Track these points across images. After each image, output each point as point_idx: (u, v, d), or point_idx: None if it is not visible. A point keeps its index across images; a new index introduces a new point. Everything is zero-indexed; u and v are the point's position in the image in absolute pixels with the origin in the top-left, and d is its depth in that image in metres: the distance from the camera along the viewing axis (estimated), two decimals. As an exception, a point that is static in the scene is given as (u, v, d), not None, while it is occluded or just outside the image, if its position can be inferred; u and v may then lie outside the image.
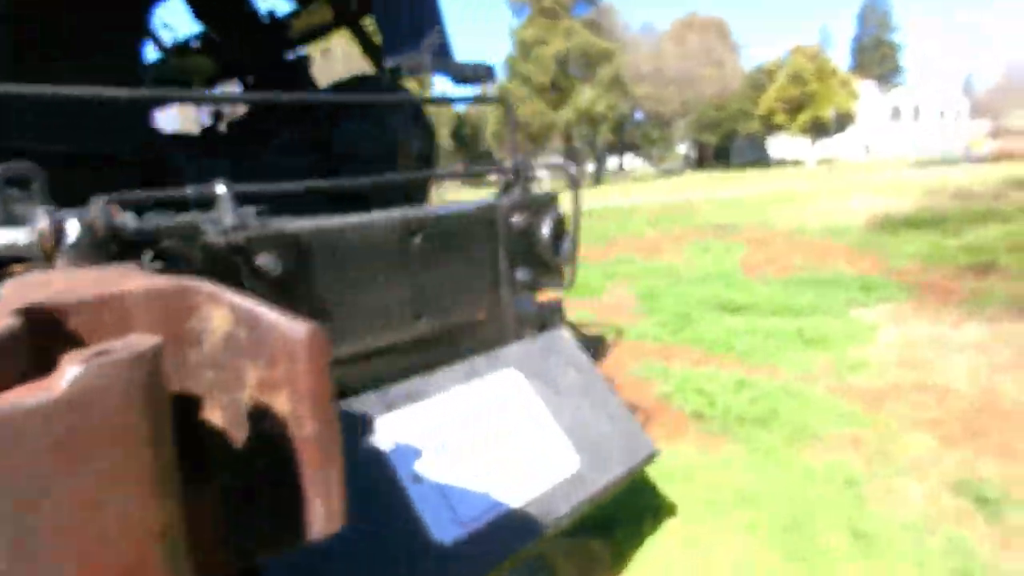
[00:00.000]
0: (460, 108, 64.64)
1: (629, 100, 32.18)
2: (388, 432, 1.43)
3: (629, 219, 12.56)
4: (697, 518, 2.41)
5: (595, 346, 4.83)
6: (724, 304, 5.55)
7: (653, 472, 2.76)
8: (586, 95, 30.29)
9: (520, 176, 1.94)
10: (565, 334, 1.92)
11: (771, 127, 43.06)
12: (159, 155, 1.84)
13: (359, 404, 1.43)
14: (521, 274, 1.83)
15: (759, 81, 42.12)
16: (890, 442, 2.88)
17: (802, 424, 3.13)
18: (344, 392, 1.46)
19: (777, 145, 48.64)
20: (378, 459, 1.37)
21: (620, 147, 42.95)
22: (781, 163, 43.97)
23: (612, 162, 48.68)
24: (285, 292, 1.29)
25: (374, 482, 1.34)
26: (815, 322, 4.76)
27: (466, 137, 57.00)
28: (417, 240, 1.56)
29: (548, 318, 1.98)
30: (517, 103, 32.95)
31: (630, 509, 2.50)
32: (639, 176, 43.21)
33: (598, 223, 12.41)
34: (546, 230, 1.95)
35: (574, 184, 1.90)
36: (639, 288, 6.65)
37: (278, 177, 2.21)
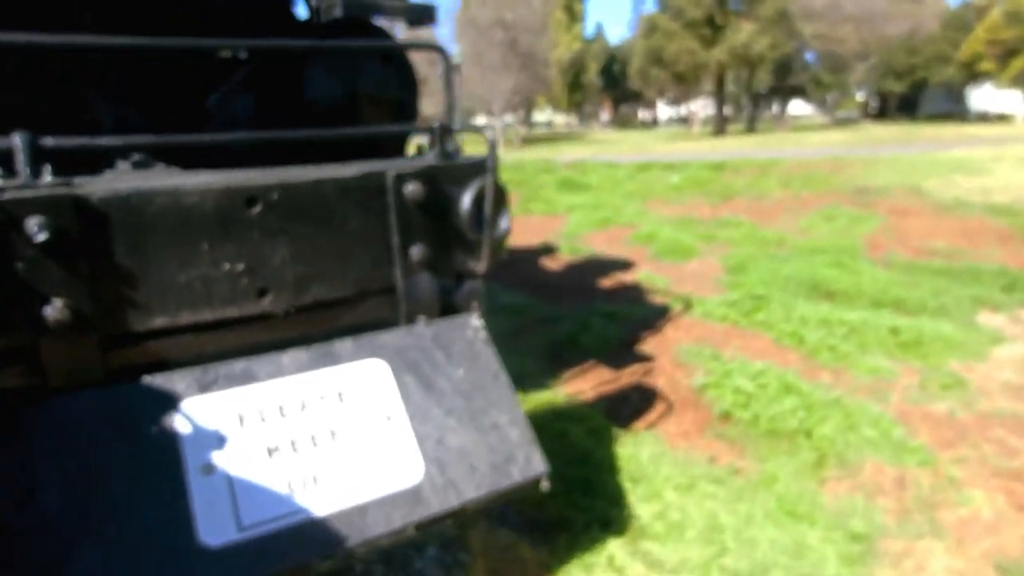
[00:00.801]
0: (613, 42, 61.83)
1: (796, 39, 28.75)
2: (194, 414, 1.29)
3: (762, 175, 11.38)
4: (654, 539, 2.08)
5: (650, 318, 4.41)
6: (817, 286, 4.82)
7: (629, 474, 2.44)
8: (744, 33, 27.43)
9: (440, 139, 1.65)
10: (474, 322, 1.65)
11: (974, 75, 36.81)
12: (77, 99, 1.78)
13: (167, 380, 1.29)
14: (417, 251, 1.57)
15: (963, 20, 35.77)
16: (943, 492, 2.32)
17: (838, 450, 2.61)
18: (160, 366, 1.33)
19: (980, 97, 41.60)
20: (169, 443, 1.23)
21: (783, 91, 38.96)
22: (984, 118, 37.67)
23: (775, 108, 44.52)
24: (61, 259, 1.15)
25: (155, 467, 1.20)
26: (921, 323, 3.98)
27: (616, 74, 54.67)
28: (256, 209, 1.35)
29: (459, 302, 1.71)
30: (665, 39, 30.74)
31: (582, 512, 2.23)
32: (803, 125, 39.16)
33: (721, 177, 11.39)
34: (467, 202, 1.65)
35: (491, 149, 1.58)
36: (731, 257, 5.99)
37: (218, 127, 2.09)
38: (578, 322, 4.31)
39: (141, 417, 1.25)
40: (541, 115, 64.09)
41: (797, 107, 53.38)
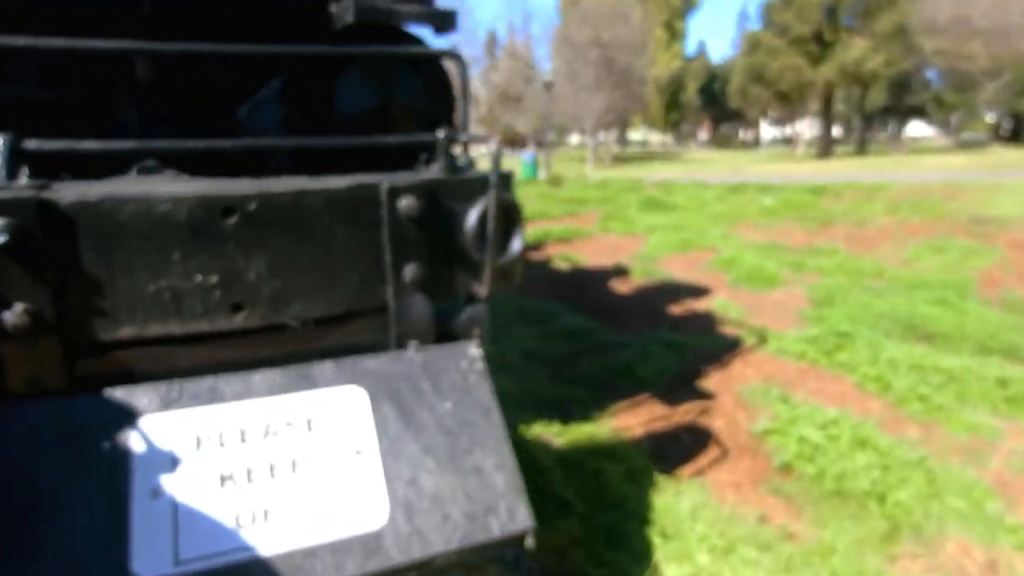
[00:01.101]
0: (716, 60, 60.33)
1: (915, 55, 26.67)
2: (151, 433, 1.22)
3: (866, 199, 10.56)
4: (680, 613, 1.85)
5: (717, 351, 4.09)
6: (914, 326, 4.31)
7: (662, 528, 2.20)
8: (855, 49, 25.73)
9: (445, 150, 1.53)
10: (471, 351, 1.51)
11: None
12: (104, 101, 1.81)
13: (129, 394, 1.23)
14: (411, 270, 1.46)
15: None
16: (1045, 586, 1.92)
17: (916, 520, 2.24)
18: (128, 378, 1.27)
19: None
20: (120, 461, 1.17)
21: (900, 111, 36.32)
22: None
23: (890, 130, 41.62)
24: (23, 262, 1.12)
25: (101, 486, 1.14)
26: (1038, 374, 3.44)
27: (716, 93, 53.21)
28: (232, 220, 1.28)
29: (459, 328, 1.58)
30: (768, 56, 29.47)
31: (601, 566, 2.02)
32: (922, 147, 36.35)
33: (820, 201, 10.66)
34: (472, 219, 1.52)
35: (494, 163, 1.44)
36: (818, 288, 5.50)
37: (248, 134, 2.08)
38: (637, 350, 4.06)
39: (96, 431, 1.20)
40: (636, 134, 63.34)
41: (916, 128, 49.70)
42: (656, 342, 4.22)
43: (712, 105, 56.75)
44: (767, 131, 61.17)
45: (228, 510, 1.19)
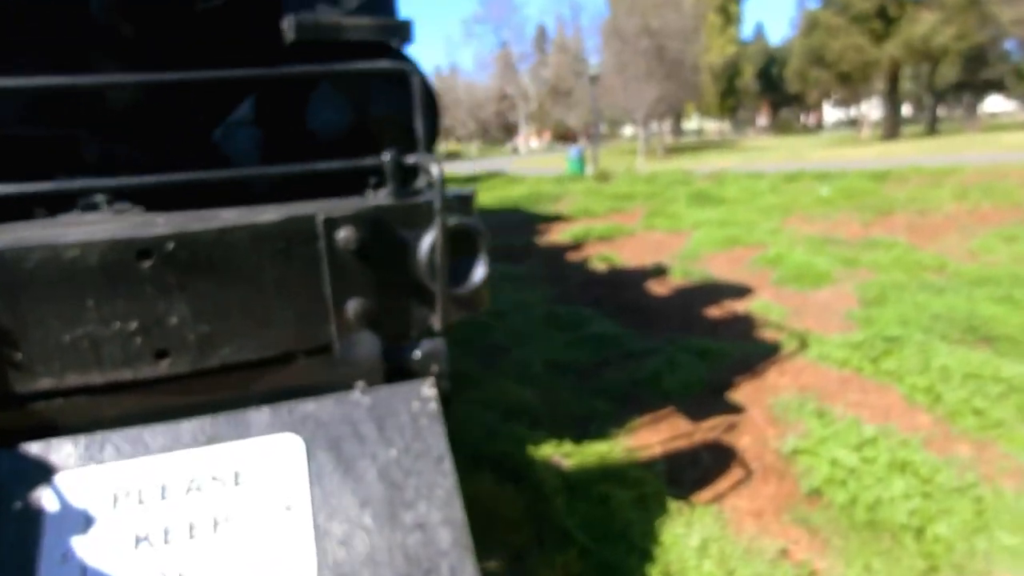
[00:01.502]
0: (775, 43, 58.09)
1: (991, 26, 24.76)
2: (66, 491, 1.17)
3: (932, 185, 9.85)
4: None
5: (751, 358, 3.84)
6: (974, 328, 3.93)
7: (665, 566, 2.03)
8: (923, 23, 24.06)
9: (392, 174, 1.43)
10: (425, 392, 1.40)
11: None
12: (70, 135, 1.79)
13: (45, 449, 1.18)
14: (355, 306, 1.36)
15: None
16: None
17: (958, 559, 2.00)
18: (51, 430, 1.23)
19: None
20: (31, 522, 1.12)
21: (975, 87, 33.95)
22: None
23: (963, 106, 39.01)
24: None
25: (8, 549, 1.09)
26: (1117, 383, 3.05)
27: (774, 77, 51.22)
28: (149, 263, 1.21)
29: (414, 366, 1.47)
30: (828, 35, 27.99)
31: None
32: (1000, 124, 33.88)
33: (881, 188, 10.01)
34: (425, 248, 1.42)
35: (438, 187, 1.33)
36: (870, 286, 5.12)
37: (219, 163, 2.03)
38: (666, 359, 3.86)
39: (9, 488, 1.15)
40: (691, 123, 61.72)
41: (995, 103, 46.44)
42: (686, 349, 4.00)
43: (771, 90, 54.64)
44: (830, 114, 58.47)
45: (139, 574, 1.12)
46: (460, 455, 2.82)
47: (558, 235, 9.06)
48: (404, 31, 1.61)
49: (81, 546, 1.13)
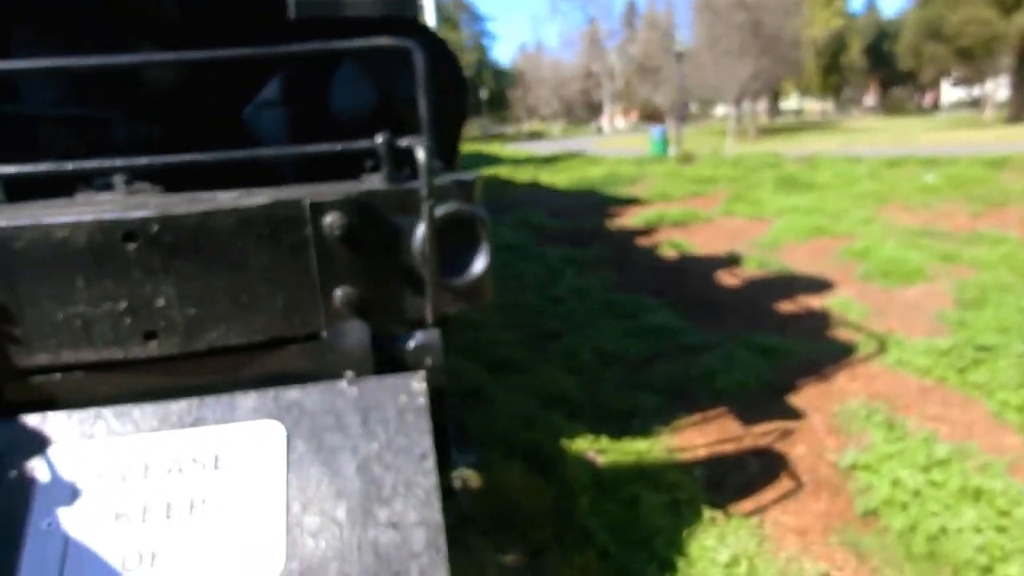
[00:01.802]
0: (888, 15, 53.79)
1: None
2: (58, 463, 1.20)
3: (1060, 174, 8.82)
4: None
5: (820, 360, 3.56)
6: (1087, 340, 3.45)
7: (691, 573, 1.90)
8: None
9: (387, 156, 1.37)
10: (414, 385, 1.34)
11: None
12: (103, 117, 1.83)
13: (42, 422, 1.22)
14: (343, 294, 1.32)
15: None
16: None
17: (1028, 608, 1.75)
18: (50, 405, 1.26)
19: None
20: (22, 492, 1.16)
21: None
22: None
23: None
24: None
25: (1, 516, 1.13)
26: None
27: (885, 52, 47.40)
28: (134, 245, 1.21)
29: (406, 357, 1.41)
30: (946, 7, 25.40)
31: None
32: None
33: (997, 176, 9.05)
34: (420, 235, 1.35)
35: (424, 171, 1.25)
36: (969, 285, 4.63)
37: (248, 142, 2.02)
38: (724, 355, 3.64)
39: (5, 458, 1.19)
40: (790, 102, 58.34)
41: None
42: (748, 346, 3.76)
43: (881, 67, 50.65)
44: (949, 93, 53.61)
45: (116, 551, 1.13)
46: (493, 442, 2.78)
47: (630, 219, 8.79)
48: (410, 5, 1.52)
49: (66, 518, 1.16)
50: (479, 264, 1.43)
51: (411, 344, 1.43)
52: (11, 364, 1.24)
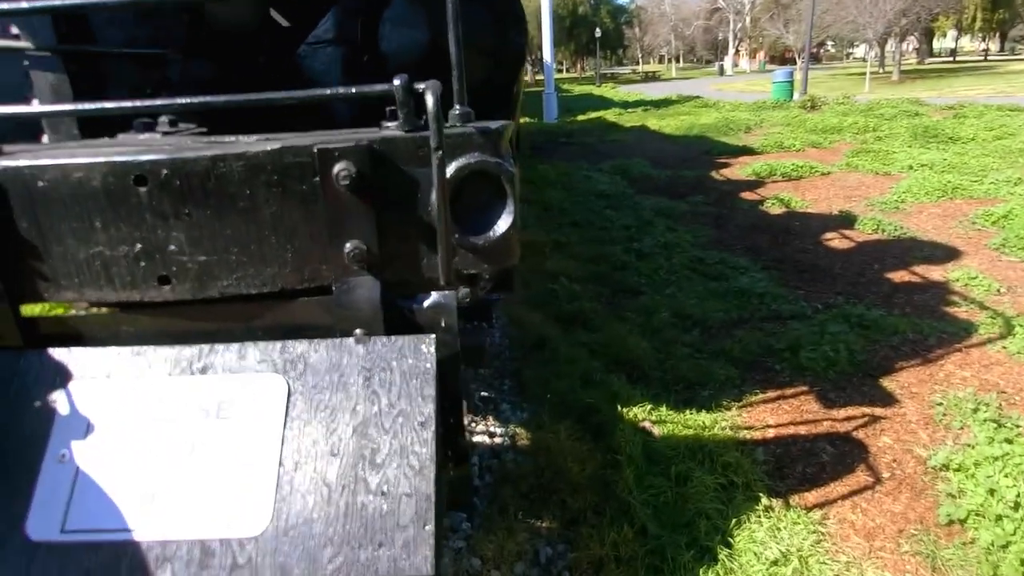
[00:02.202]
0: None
1: None
2: (78, 397, 1.26)
3: None
4: None
5: (927, 340, 3.17)
6: None
7: (732, 567, 1.77)
8: None
9: (406, 101, 1.27)
10: (424, 348, 1.29)
11: None
12: (159, 56, 1.83)
13: (67, 357, 1.28)
14: (353, 248, 1.26)
15: None
16: None
17: None
18: (74, 340, 1.32)
19: None
20: (43, 422, 1.23)
21: None
22: None
23: None
24: None
25: (20, 443, 1.21)
26: None
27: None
28: (146, 189, 1.20)
29: (419, 319, 1.35)
30: None
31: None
32: None
33: None
34: (434, 192, 1.26)
35: (434, 119, 1.15)
36: None
37: (301, 83, 1.97)
38: (814, 326, 3.33)
39: (30, 387, 1.26)
40: (945, 41, 51.58)
41: None
42: (844, 318, 3.41)
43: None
44: None
45: (120, 488, 1.18)
46: (548, 400, 2.70)
47: (738, 171, 8.19)
48: None
49: (79, 450, 1.21)
50: (503, 222, 1.31)
51: (424, 305, 1.36)
52: (41, 298, 1.30)
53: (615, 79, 42.98)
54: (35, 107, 1.42)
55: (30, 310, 1.33)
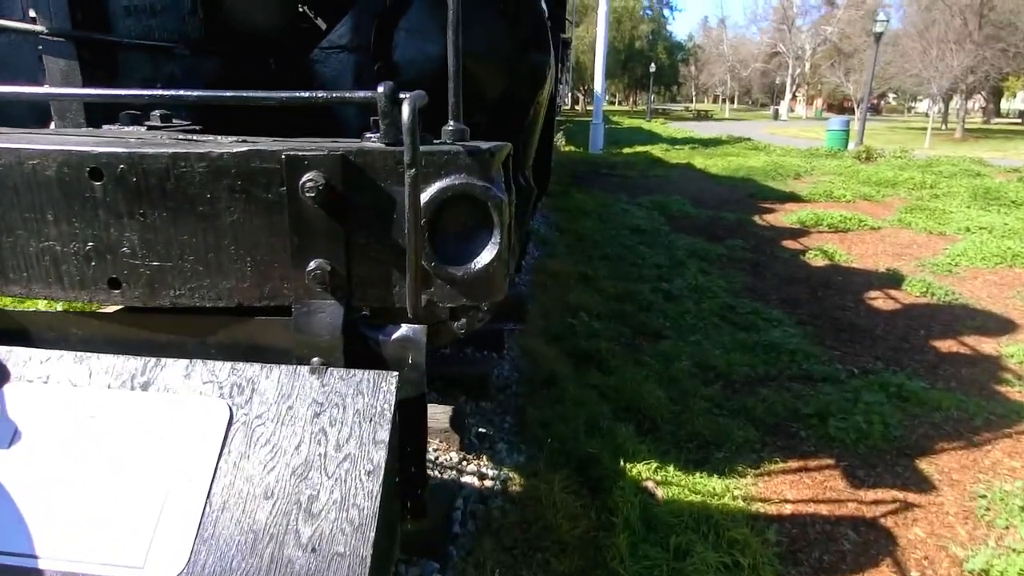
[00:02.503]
0: None
1: None
2: (10, 400, 1.15)
3: None
4: None
5: (972, 420, 2.89)
6: None
7: None
8: None
9: (387, 111, 1.14)
10: (384, 386, 1.14)
11: None
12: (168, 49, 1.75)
13: (8, 355, 1.17)
14: (317, 268, 1.13)
15: None
16: None
17: None
18: (21, 336, 1.22)
19: None
20: None
21: None
22: None
23: None
24: None
25: None
26: None
27: None
28: (101, 183, 1.09)
29: (385, 352, 1.20)
30: None
31: None
32: None
33: None
34: (407, 209, 1.12)
35: (410, 134, 1.01)
36: None
37: (312, 86, 1.87)
38: (847, 392, 3.07)
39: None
40: (1014, 102, 50.01)
41: None
42: (882, 387, 3.14)
43: None
44: None
45: (33, 507, 1.07)
46: (548, 443, 2.52)
47: (782, 217, 7.91)
48: None
49: (5, 461, 1.10)
50: (487, 254, 1.16)
51: (392, 337, 1.21)
52: (-12, 290, 1.20)
53: (666, 115, 42.82)
54: (15, 89, 1.34)
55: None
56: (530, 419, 2.76)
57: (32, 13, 1.78)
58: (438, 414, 2.47)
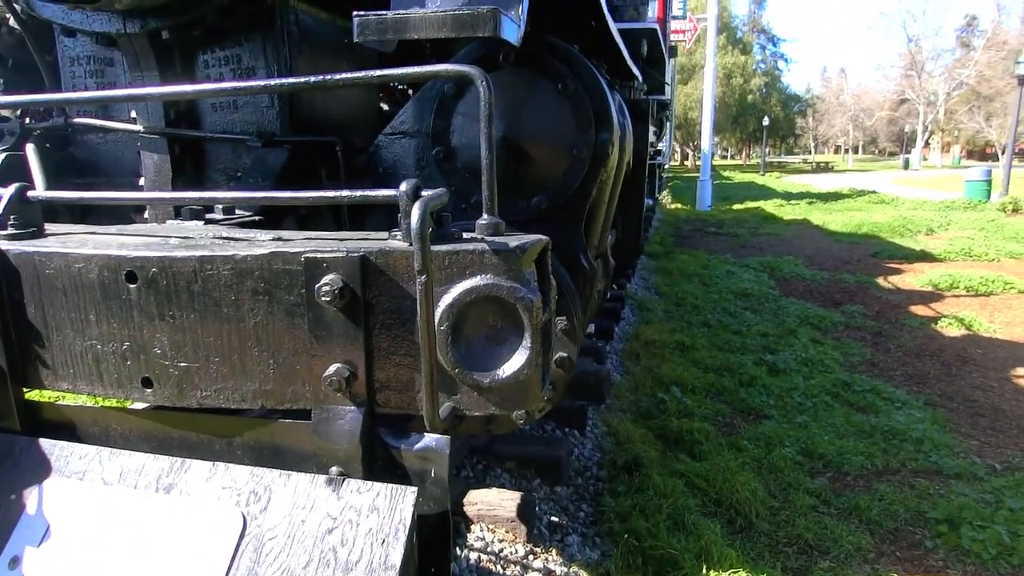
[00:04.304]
0: None
1: None
2: (48, 495, 1.20)
3: None
4: None
5: None
6: None
7: None
8: None
9: (408, 209, 1.11)
10: (402, 503, 1.07)
11: None
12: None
13: (51, 449, 1.23)
14: (336, 373, 1.10)
15: None
16: None
17: None
18: (67, 431, 1.27)
19: None
20: (8, 516, 1.17)
21: None
22: None
23: None
24: None
25: None
26: None
27: None
28: (135, 286, 1.14)
29: (407, 462, 1.13)
30: None
31: None
32: None
33: None
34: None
35: (417, 231, 0.97)
36: None
37: (371, 173, 1.90)
38: (987, 493, 2.62)
39: (11, 476, 1.22)
40: None
41: None
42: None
43: None
44: None
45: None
46: (624, 539, 2.32)
47: (910, 279, 7.19)
48: (483, 22, 1.22)
49: (30, 557, 1.14)
50: (515, 361, 1.08)
51: (413, 447, 1.14)
52: (41, 385, 1.27)
53: (782, 168, 41.14)
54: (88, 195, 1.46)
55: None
56: (607, 509, 2.56)
57: (133, 114, 1.96)
58: (505, 501, 2.35)
